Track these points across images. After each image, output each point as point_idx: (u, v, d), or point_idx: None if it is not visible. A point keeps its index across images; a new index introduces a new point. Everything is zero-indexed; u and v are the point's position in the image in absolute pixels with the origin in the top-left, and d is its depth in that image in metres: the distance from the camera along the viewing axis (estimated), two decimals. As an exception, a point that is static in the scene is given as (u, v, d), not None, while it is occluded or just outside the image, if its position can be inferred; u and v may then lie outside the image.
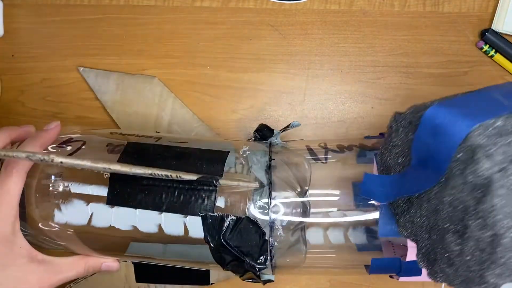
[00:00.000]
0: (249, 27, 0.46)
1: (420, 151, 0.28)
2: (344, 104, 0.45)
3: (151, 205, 0.32)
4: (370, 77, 0.45)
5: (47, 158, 0.27)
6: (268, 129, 0.38)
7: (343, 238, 0.37)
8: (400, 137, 0.30)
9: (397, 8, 0.45)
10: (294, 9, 0.46)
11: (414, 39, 0.45)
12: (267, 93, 0.45)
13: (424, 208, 0.29)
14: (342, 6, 0.45)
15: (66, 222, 0.33)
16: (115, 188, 0.33)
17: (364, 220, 0.36)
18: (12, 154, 0.27)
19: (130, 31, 0.46)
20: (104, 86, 0.45)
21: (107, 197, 0.33)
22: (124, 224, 0.33)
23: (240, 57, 0.46)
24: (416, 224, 0.30)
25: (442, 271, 0.28)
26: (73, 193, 0.33)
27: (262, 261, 0.32)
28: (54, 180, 0.33)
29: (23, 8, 0.47)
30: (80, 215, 0.33)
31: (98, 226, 0.33)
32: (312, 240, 0.37)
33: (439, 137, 0.27)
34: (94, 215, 0.33)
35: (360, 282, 0.44)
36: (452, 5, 0.45)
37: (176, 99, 0.45)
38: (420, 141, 0.28)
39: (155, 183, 0.32)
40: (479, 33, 0.45)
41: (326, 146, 0.37)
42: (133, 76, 0.45)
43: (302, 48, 0.45)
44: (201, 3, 0.46)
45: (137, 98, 0.45)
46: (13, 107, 0.46)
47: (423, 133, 0.28)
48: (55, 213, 0.33)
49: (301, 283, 0.44)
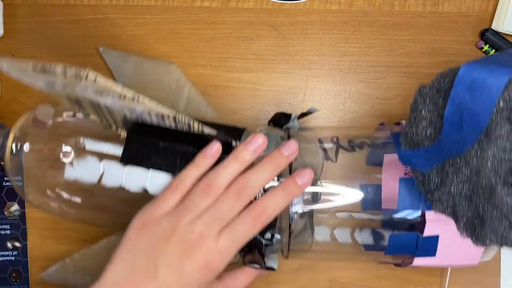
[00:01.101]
0: (249, 27, 0.46)
1: (454, 114, 0.28)
2: (344, 104, 0.45)
3: (165, 167, 0.33)
4: (370, 77, 0.45)
5: (83, 72, 0.26)
6: (284, 115, 0.37)
7: (349, 239, 0.37)
8: (427, 108, 0.30)
9: (397, 8, 0.45)
10: (294, 9, 0.46)
11: (414, 39, 0.45)
12: (267, 93, 0.45)
13: (462, 173, 0.28)
14: (342, 6, 0.45)
15: (76, 178, 0.33)
16: (131, 147, 0.33)
17: (371, 221, 0.36)
18: (49, 67, 0.26)
19: (130, 31, 0.46)
20: (122, 69, 0.44)
21: (121, 155, 0.33)
22: (135, 185, 0.33)
23: (240, 57, 0.46)
24: (453, 194, 0.29)
25: (493, 230, 0.28)
26: (87, 149, 0.33)
27: (269, 237, 0.32)
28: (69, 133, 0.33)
29: (23, 8, 0.47)
30: (91, 172, 0.33)
31: (108, 185, 0.33)
32: (318, 237, 0.36)
33: (477, 92, 0.27)
34: (106, 173, 0.33)
35: (360, 282, 0.44)
36: (452, 5, 0.45)
37: (193, 87, 0.44)
38: (454, 102, 0.28)
39: (171, 146, 0.32)
40: (479, 33, 0.45)
41: (338, 141, 0.37)
42: (151, 61, 0.45)
43: (302, 48, 0.45)
44: (201, 3, 0.46)
45: (153, 83, 0.44)
46: (13, 107, 0.46)
47: (459, 91, 0.28)
48: (66, 168, 0.33)
49: (301, 283, 0.44)
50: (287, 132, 0.37)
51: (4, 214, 0.45)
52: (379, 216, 0.36)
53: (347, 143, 0.37)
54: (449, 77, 0.29)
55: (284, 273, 0.44)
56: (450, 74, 0.29)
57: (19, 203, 0.45)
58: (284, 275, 0.44)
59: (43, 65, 0.27)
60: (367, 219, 0.36)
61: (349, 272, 0.44)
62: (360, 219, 0.36)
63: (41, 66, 0.27)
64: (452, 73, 0.29)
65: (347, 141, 0.37)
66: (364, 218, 0.36)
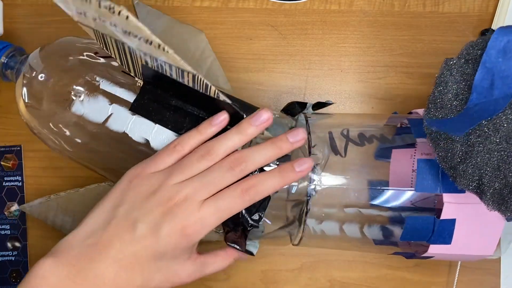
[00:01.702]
0: (249, 27, 0.46)
1: (484, 79, 0.28)
2: (344, 104, 0.45)
3: (172, 124, 0.32)
4: (370, 77, 0.45)
5: (117, 8, 0.26)
6: (299, 104, 0.37)
7: (359, 233, 0.37)
8: (454, 79, 0.30)
9: (397, 8, 0.45)
10: (294, 9, 0.46)
11: (414, 39, 0.45)
12: (267, 93, 0.45)
13: (490, 141, 0.28)
14: (342, 6, 0.45)
15: (83, 113, 0.33)
16: (144, 97, 0.33)
17: (379, 217, 0.36)
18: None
19: (130, 31, 0.46)
20: (152, 25, 0.44)
21: (132, 104, 0.33)
22: (138, 134, 0.33)
23: (240, 57, 0.46)
24: (479, 165, 0.29)
25: None
26: (101, 89, 0.33)
27: (256, 218, 0.32)
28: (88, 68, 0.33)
29: (23, 8, 0.47)
30: (99, 112, 0.33)
31: (112, 128, 0.33)
32: (328, 232, 0.36)
33: (511, 53, 0.27)
34: (113, 116, 0.33)
35: (360, 282, 0.44)
36: (452, 5, 0.45)
37: (216, 60, 0.44)
38: (486, 66, 0.28)
39: (183, 106, 0.32)
40: (479, 33, 0.45)
41: (348, 134, 0.37)
42: (182, 25, 0.45)
43: (302, 48, 0.45)
44: (201, 3, 0.46)
45: (180, 47, 0.44)
46: (13, 107, 0.46)
47: (492, 55, 0.28)
48: (75, 103, 0.33)
49: (301, 283, 0.44)
50: (299, 119, 0.37)
51: (4, 214, 0.45)
52: (387, 212, 0.36)
53: (356, 137, 0.37)
54: (479, 46, 0.29)
55: (284, 273, 0.44)
56: (480, 43, 0.29)
57: (19, 203, 0.45)
58: (284, 275, 0.44)
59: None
60: (376, 215, 0.36)
61: (349, 272, 0.44)
62: (368, 215, 0.36)
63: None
64: (483, 41, 0.28)
65: (357, 135, 0.37)
66: (373, 213, 0.36)
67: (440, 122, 0.30)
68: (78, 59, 0.35)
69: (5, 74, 0.40)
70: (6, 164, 0.46)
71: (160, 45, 0.27)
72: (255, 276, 0.45)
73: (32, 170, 0.46)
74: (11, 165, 0.46)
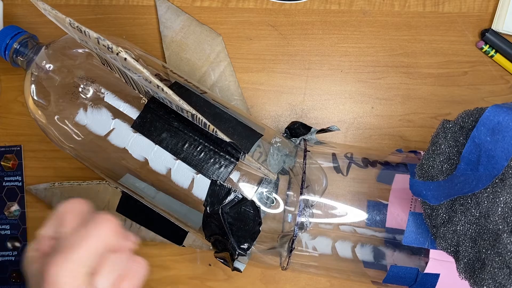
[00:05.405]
0: (249, 27, 0.46)
1: (472, 153, 0.28)
2: (344, 104, 0.45)
3: (172, 148, 0.33)
4: (370, 77, 0.45)
5: (115, 49, 0.26)
6: (302, 126, 0.38)
7: (350, 253, 0.37)
8: (448, 143, 0.30)
9: (397, 8, 0.45)
10: (294, 9, 0.46)
11: (414, 39, 0.45)
12: (267, 93, 0.45)
13: (471, 214, 0.28)
14: (342, 6, 0.45)
15: (85, 124, 0.33)
16: (147, 116, 0.33)
17: (373, 238, 0.37)
18: (85, 30, 0.27)
19: (130, 31, 0.46)
20: (170, 22, 0.45)
21: (134, 121, 0.33)
22: (138, 153, 0.33)
23: (240, 57, 0.46)
24: (459, 233, 0.29)
25: (492, 276, 0.28)
26: (106, 101, 0.33)
27: (245, 247, 0.32)
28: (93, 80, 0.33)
29: (23, 8, 0.47)
30: (101, 125, 0.33)
31: (112, 143, 0.33)
32: (319, 249, 0.37)
33: (499, 135, 0.27)
34: (115, 131, 0.33)
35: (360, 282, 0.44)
36: (452, 5, 0.45)
37: (230, 65, 0.45)
38: (475, 142, 0.28)
39: (184, 130, 0.33)
40: (479, 33, 0.45)
41: (352, 157, 0.37)
42: (200, 25, 0.45)
43: (302, 48, 0.45)
44: (201, 3, 0.46)
45: (195, 46, 0.44)
46: (13, 107, 0.46)
47: (481, 132, 0.28)
48: (80, 111, 0.33)
49: (301, 283, 0.44)
50: (301, 144, 0.37)
51: (4, 214, 0.45)
52: (382, 234, 0.36)
53: (360, 160, 0.37)
54: (474, 116, 0.29)
55: (284, 273, 0.44)
56: (475, 114, 0.29)
57: (19, 203, 0.45)
58: (284, 275, 0.44)
59: (79, 27, 0.27)
60: (370, 235, 0.36)
61: (349, 272, 0.44)
62: (363, 235, 0.36)
63: (77, 27, 0.27)
64: (478, 112, 0.29)
65: (361, 158, 0.37)
66: (368, 234, 0.36)
67: (424, 185, 0.31)
68: (88, 63, 0.35)
69: (15, 60, 0.39)
70: (6, 164, 0.46)
71: (159, 86, 0.28)
72: (255, 276, 0.45)
73: (32, 170, 0.46)
74: (11, 165, 0.46)
